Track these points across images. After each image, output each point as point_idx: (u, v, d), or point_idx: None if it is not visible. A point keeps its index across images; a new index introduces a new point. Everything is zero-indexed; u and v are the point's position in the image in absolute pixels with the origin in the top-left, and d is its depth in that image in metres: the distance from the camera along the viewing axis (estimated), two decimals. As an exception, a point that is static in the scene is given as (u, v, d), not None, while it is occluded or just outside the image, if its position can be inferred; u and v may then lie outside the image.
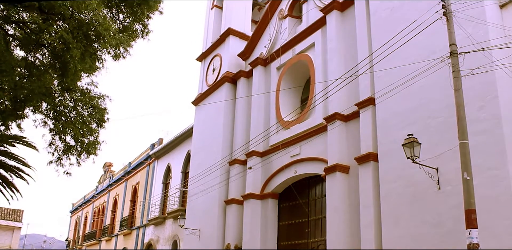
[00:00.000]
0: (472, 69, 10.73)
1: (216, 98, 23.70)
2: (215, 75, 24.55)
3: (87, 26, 10.50)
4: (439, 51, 12.31)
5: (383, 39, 14.03)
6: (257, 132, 20.04)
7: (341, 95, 16.07)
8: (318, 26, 18.67)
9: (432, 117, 12.71)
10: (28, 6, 9.93)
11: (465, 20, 11.49)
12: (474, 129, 11.11)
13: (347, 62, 16.60)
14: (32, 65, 11.13)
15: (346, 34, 17.17)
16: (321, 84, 17.31)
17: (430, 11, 11.81)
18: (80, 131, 11.87)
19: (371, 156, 14.12)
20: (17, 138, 18.00)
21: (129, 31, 12.49)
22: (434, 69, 11.92)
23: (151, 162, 34.40)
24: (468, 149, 9.65)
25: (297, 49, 19.74)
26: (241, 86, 22.63)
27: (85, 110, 12.14)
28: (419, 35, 12.16)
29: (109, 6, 12.06)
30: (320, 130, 16.89)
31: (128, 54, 12.24)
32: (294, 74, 20.07)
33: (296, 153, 17.93)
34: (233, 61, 23.74)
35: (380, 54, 13.50)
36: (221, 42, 24.94)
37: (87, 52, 10.72)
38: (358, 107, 15.25)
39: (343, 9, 17.69)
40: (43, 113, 11.96)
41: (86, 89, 12.24)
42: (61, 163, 12.51)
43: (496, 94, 11.29)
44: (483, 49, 10.59)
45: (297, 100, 20.18)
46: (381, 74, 14.33)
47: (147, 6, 12.36)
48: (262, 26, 22.65)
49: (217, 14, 26.83)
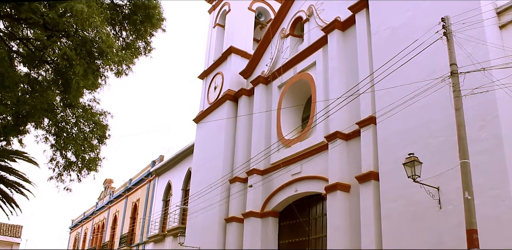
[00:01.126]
0: (472, 89, 10.77)
1: (217, 116, 23.75)
2: (217, 93, 24.63)
3: (90, 43, 10.59)
4: (439, 70, 12.38)
5: (384, 58, 14.12)
6: (258, 150, 20.03)
7: (342, 114, 16.10)
8: (320, 45, 18.80)
9: (433, 136, 12.72)
10: (33, 23, 10.03)
11: (465, 40, 11.58)
12: (475, 149, 11.11)
13: (348, 81, 16.68)
14: (35, 81, 11.21)
15: (347, 53, 17.28)
16: (322, 103, 17.36)
17: (430, 31, 11.90)
18: (81, 147, 11.90)
19: (372, 174, 14.09)
20: (18, 153, 18.01)
21: (132, 48, 12.61)
22: (435, 88, 11.97)
23: (151, 179, 34.33)
24: (469, 168, 9.64)
25: (298, 68, 19.85)
26: (243, 104, 22.69)
27: (87, 126, 12.18)
28: (420, 55, 12.23)
29: (113, 24, 12.20)
30: (321, 149, 16.89)
31: (131, 71, 12.34)
32: (296, 92, 20.15)
33: (297, 171, 17.90)
34: (234, 79, 23.85)
35: (381, 74, 13.57)
36: (223, 60, 25.09)
37: (90, 69, 10.80)
38: (359, 126, 15.27)
39: (344, 28, 17.83)
40: (45, 129, 12.00)
41: (88, 106, 12.30)
42: (61, 178, 12.51)
43: (496, 114, 11.31)
44: (483, 69, 10.66)
45: (298, 118, 20.22)
46: (382, 93, 14.39)
47: (150, 24, 12.49)
48: (264, 44, 22.81)
49: (219, 33, 27.03)
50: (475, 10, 12.16)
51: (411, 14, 14.55)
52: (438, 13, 12.92)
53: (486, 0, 12.51)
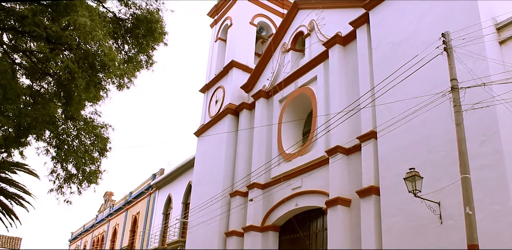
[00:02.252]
0: (473, 104, 10.79)
1: (218, 130, 23.77)
2: (218, 106, 24.69)
3: (92, 57, 10.67)
4: (440, 86, 12.41)
5: (385, 73, 14.18)
6: (258, 164, 20.02)
7: (343, 129, 16.12)
8: (321, 60, 18.89)
9: (433, 151, 12.72)
10: (36, 36, 10.11)
11: (465, 56, 11.64)
12: (476, 164, 11.10)
13: (349, 95, 16.72)
14: (37, 94, 11.26)
15: (348, 68, 17.36)
16: (323, 117, 17.39)
17: (431, 46, 11.98)
18: (82, 160, 11.91)
19: (372, 189, 14.06)
20: (19, 165, 18.05)
21: (133, 62, 12.68)
22: (436, 103, 12.00)
23: (152, 192, 34.25)
24: (470, 183, 9.63)
25: (299, 82, 19.92)
26: (244, 118, 22.73)
27: (88, 139, 12.21)
28: (420, 70, 12.29)
29: (115, 37, 12.29)
30: (322, 163, 16.87)
31: (132, 84, 12.40)
32: (296, 107, 20.19)
33: (297, 186, 17.86)
34: (236, 93, 23.93)
35: (381, 88, 13.61)
36: (224, 74, 25.20)
37: (91, 82, 10.85)
38: (360, 140, 15.28)
39: (345, 43, 17.94)
40: (46, 141, 12.03)
41: (90, 118, 12.33)
42: (62, 191, 12.50)
43: (497, 129, 11.33)
44: (484, 84, 10.70)
45: (299, 133, 20.23)
46: (383, 108, 14.41)
47: (152, 38, 12.58)
48: (265, 59, 22.92)
49: (221, 47, 27.19)
50: (475, 26, 12.26)
51: (412, 29, 14.64)
52: (438, 28, 13.02)
53: (486, 16, 12.59)
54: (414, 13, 14.77)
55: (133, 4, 12.64)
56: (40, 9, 10.27)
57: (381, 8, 16.11)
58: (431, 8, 14.25)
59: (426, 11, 14.37)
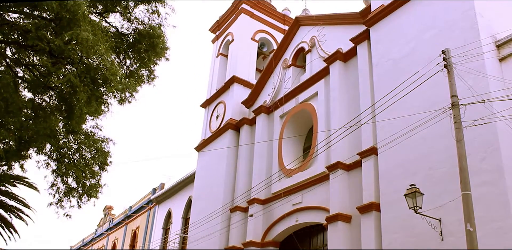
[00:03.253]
0: (473, 121, 10.81)
1: (219, 145, 23.77)
2: (219, 122, 24.72)
3: (94, 71, 10.73)
4: (440, 102, 12.43)
5: (385, 89, 14.22)
6: (259, 179, 19.98)
7: (344, 145, 16.12)
8: (322, 76, 18.97)
9: (434, 168, 12.70)
10: (39, 50, 10.19)
11: (465, 73, 11.69)
12: (477, 180, 11.07)
13: (350, 111, 16.76)
14: (39, 107, 11.31)
15: (349, 84, 17.42)
16: (323, 133, 17.40)
17: (431, 63, 12.04)
18: (82, 173, 11.91)
19: (373, 205, 14.01)
20: (19, 178, 18.04)
21: (135, 76, 12.76)
22: (436, 120, 12.02)
23: (152, 207, 34.12)
24: (471, 200, 9.59)
25: (300, 98, 19.98)
26: (244, 133, 22.74)
27: (89, 153, 12.22)
28: (421, 86, 12.34)
29: (117, 52, 12.38)
30: (322, 179, 16.84)
31: (134, 98, 12.45)
32: (297, 122, 20.22)
33: (298, 201, 17.79)
34: (237, 108, 23.98)
35: (382, 105, 13.64)
36: (225, 89, 25.28)
37: (93, 96, 10.91)
38: (361, 156, 15.26)
39: (346, 59, 18.03)
40: (47, 155, 12.05)
41: (91, 132, 12.37)
42: (61, 204, 12.49)
43: (498, 145, 11.33)
44: (484, 101, 10.73)
45: (300, 148, 20.22)
46: (384, 124, 14.43)
47: (154, 53, 12.67)
48: (266, 74, 23.02)
49: (222, 62, 27.33)
50: (475, 43, 12.34)
51: (412, 46, 14.73)
52: (438, 45, 13.10)
53: (486, 33, 12.69)
54: (414, 30, 14.87)
55: (135, 19, 12.76)
56: (43, 23, 10.37)
57: (382, 25, 16.23)
58: (431, 25, 14.36)
59: (426, 28, 14.47)
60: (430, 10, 14.60)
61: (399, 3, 15.70)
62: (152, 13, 12.92)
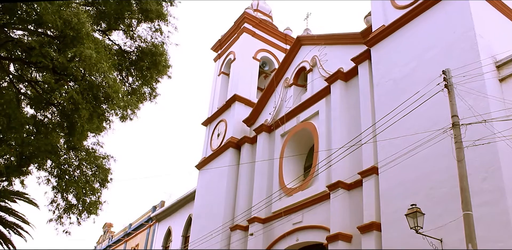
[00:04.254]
0: (474, 141, 10.83)
1: (220, 163, 23.73)
2: (220, 140, 24.73)
3: (97, 88, 10.80)
4: (441, 122, 12.46)
5: (386, 109, 14.27)
6: (259, 198, 19.90)
7: (344, 164, 16.10)
8: (323, 95, 19.04)
9: (435, 187, 12.66)
10: (42, 66, 10.27)
11: (466, 93, 11.74)
12: (478, 200, 11.03)
13: (351, 131, 16.78)
14: (41, 123, 11.35)
15: (350, 104, 17.48)
16: (324, 152, 17.39)
17: (432, 83, 12.11)
18: (82, 190, 11.90)
19: (374, 225, 13.93)
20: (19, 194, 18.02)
21: (137, 94, 12.83)
22: (437, 140, 12.03)
23: (151, 224, 33.93)
24: (472, 220, 9.56)
25: (301, 117, 20.02)
26: (245, 152, 22.73)
27: (89, 169, 12.23)
28: (422, 106, 12.38)
29: (120, 69, 12.47)
30: (323, 198, 16.77)
31: (135, 116, 12.49)
32: (298, 141, 20.22)
33: (298, 221, 17.70)
34: (238, 127, 24.00)
35: (383, 124, 13.68)
36: (226, 107, 25.34)
37: (95, 113, 10.95)
38: (361, 176, 15.23)
39: (347, 79, 18.12)
40: (47, 171, 12.05)
41: (92, 149, 12.39)
42: (61, 221, 12.45)
43: (499, 165, 11.32)
44: (485, 121, 10.77)
45: (301, 167, 20.19)
46: (384, 144, 14.44)
47: (156, 71, 12.76)
48: (268, 93, 23.11)
49: (224, 81, 27.44)
50: (475, 63, 12.43)
51: (413, 66, 14.82)
52: (439, 66, 13.18)
53: (486, 54, 12.79)
54: (415, 51, 14.98)
55: (138, 37, 12.88)
56: (47, 40, 10.47)
57: (383, 45, 16.35)
58: (431, 45, 14.47)
59: (426, 49, 14.58)
60: (430, 31, 14.72)
61: (399, 24, 15.85)
62: (155, 31, 13.06)
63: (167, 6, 12.99)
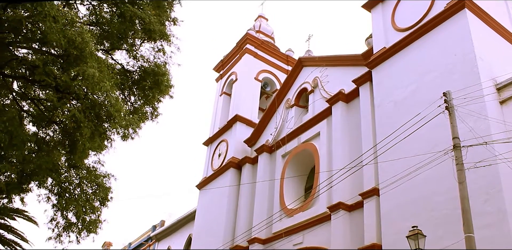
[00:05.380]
0: (475, 163, 10.82)
1: (220, 183, 23.67)
2: (221, 160, 24.71)
3: (99, 107, 10.86)
4: (442, 144, 12.47)
5: (387, 131, 14.30)
6: (260, 219, 19.79)
7: (345, 185, 16.05)
8: (324, 116, 19.09)
9: (436, 209, 12.60)
10: (45, 85, 10.34)
11: (467, 115, 11.78)
12: (480, 222, 10.96)
13: (352, 152, 16.77)
14: (42, 141, 11.39)
15: (351, 125, 17.51)
16: (325, 173, 17.36)
17: (432, 105, 12.15)
18: (82, 209, 11.87)
19: (375, 247, 13.82)
20: (19, 212, 17.95)
21: (139, 113, 12.88)
22: (438, 161, 12.02)
23: (151, 244, 33.69)
24: (474, 242, 9.50)
25: (302, 137, 20.03)
26: (246, 172, 22.69)
27: (90, 188, 12.22)
28: (423, 128, 12.40)
29: (122, 88, 12.56)
30: (324, 219, 16.68)
31: (137, 135, 12.52)
32: (299, 162, 20.20)
33: (299, 242, 17.55)
34: (239, 147, 24.00)
35: (384, 146, 13.68)
36: (228, 128, 25.38)
37: (97, 131, 10.99)
38: (362, 197, 15.18)
39: (348, 100, 18.19)
40: (48, 189, 12.05)
41: (93, 168, 12.39)
42: (60, 239, 12.39)
43: (500, 188, 11.29)
44: (486, 143, 10.78)
45: (301, 188, 20.12)
46: (385, 165, 14.42)
47: (158, 90, 12.84)
48: (269, 114, 23.17)
49: (226, 101, 27.53)
50: (475, 85, 12.49)
51: (414, 88, 14.89)
52: (439, 88, 13.25)
53: (486, 76, 12.87)
54: (415, 73, 15.07)
55: (141, 57, 13.00)
56: (51, 59, 10.57)
57: (384, 67, 16.46)
58: (432, 68, 14.56)
59: (427, 71, 14.67)
60: (431, 53, 14.84)
61: (400, 46, 15.99)
62: (157, 51, 13.18)
63: (170, 25, 13.14)
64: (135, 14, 11.87)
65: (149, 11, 12.28)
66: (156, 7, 12.83)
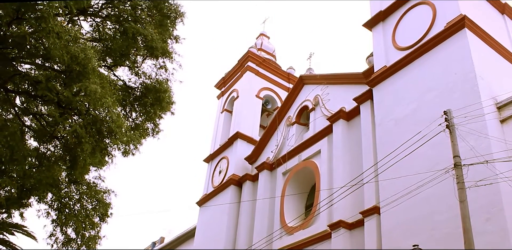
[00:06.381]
0: (476, 181, 10.81)
1: (221, 200, 23.58)
2: (221, 177, 24.65)
3: (100, 123, 10.90)
4: (442, 162, 12.45)
5: (388, 149, 14.29)
6: (260, 236, 19.67)
7: (346, 203, 15.99)
8: (325, 134, 19.10)
9: (437, 228, 12.54)
10: (48, 100, 10.40)
11: (467, 133, 11.79)
12: (481, 241, 10.88)
13: (353, 170, 16.74)
14: (43, 156, 11.41)
15: (352, 143, 17.51)
16: (326, 191, 17.30)
17: (433, 123, 12.17)
18: (82, 224, 11.84)
19: (375, 266, 13.73)
20: (18, 227, 17.81)
21: (140, 129, 12.92)
22: (439, 180, 11.99)
23: (150, 262, 33.44)
24: (475, 261, 9.43)
25: (303, 155, 20.02)
26: (247, 189, 22.62)
27: (90, 203, 12.20)
28: (423, 146, 12.41)
29: (124, 105, 12.62)
30: (324, 237, 16.57)
31: (138, 151, 12.53)
32: (300, 180, 20.14)
33: (298, 260, 17.44)
34: (239, 164, 23.96)
35: (385, 164, 13.67)
36: (229, 145, 25.37)
37: (98, 147, 11.02)
38: (363, 215, 15.11)
39: (349, 118, 18.22)
40: (48, 204, 12.03)
41: (93, 183, 12.40)
42: (59, 255, 12.31)
43: (501, 206, 11.24)
44: (487, 162, 10.78)
45: (302, 206, 20.04)
46: (386, 183, 14.38)
47: (160, 107, 12.90)
48: (270, 131, 23.19)
49: (227, 118, 27.56)
50: (476, 104, 12.53)
51: (414, 106, 14.93)
52: (440, 106, 13.28)
53: (486, 95, 12.92)
54: (416, 91, 15.13)
55: (143, 73, 13.10)
56: (54, 74, 10.64)
57: (385, 86, 16.52)
58: (433, 86, 14.62)
59: (428, 89, 14.73)
60: (431, 72, 14.92)
61: (401, 65, 16.08)
62: (159, 68, 13.29)
63: (172, 43, 13.24)
64: (137, 31, 11.99)
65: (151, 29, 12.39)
66: (159, 25, 12.95)
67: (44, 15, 9.58)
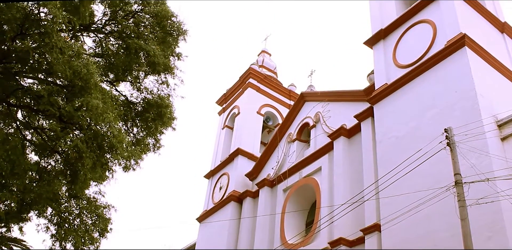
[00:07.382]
0: (477, 199, 10.77)
1: (221, 217, 23.46)
2: (222, 193, 24.57)
3: (102, 137, 10.92)
4: (443, 180, 12.42)
5: (389, 166, 14.27)
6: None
7: (347, 220, 15.91)
8: (326, 151, 19.09)
9: (438, 246, 12.45)
10: (49, 114, 10.44)
11: (468, 151, 11.79)
12: (483, 260, 10.84)
13: (353, 187, 16.70)
14: (44, 170, 11.42)
15: (353, 160, 17.49)
16: (326, 208, 17.23)
17: (434, 141, 12.17)
18: (81, 239, 11.78)
19: (375, 284, 13.61)
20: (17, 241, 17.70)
21: (141, 144, 12.94)
22: (439, 198, 11.96)
23: (148, 280, 33.14)
24: (476, 280, 9.36)
25: (304, 172, 19.98)
26: (247, 206, 22.53)
27: (89, 218, 12.16)
28: (424, 164, 12.39)
29: (125, 120, 12.65)
30: (325, 255, 16.47)
31: (138, 166, 12.53)
32: (300, 197, 20.07)
33: (298, 278, 17.29)
34: (240, 180, 23.90)
35: (386, 181, 13.63)
36: (229, 161, 25.33)
37: (98, 162, 11.02)
38: (364, 233, 15.02)
39: (350, 135, 18.23)
40: (47, 218, 11.99)
41: (93, 198, 12.38)
42: (57, 270, 12.23)
43: (503, 225, 11.19)
44: (488, 180, 10.76)
45: (302, 223, 19.94)
46: (387, 201, 14.33)
47: (161, 122, 12.93)
48: (271, 148, 23.18)
49: (228, 134, 27.57)
50: (476, 122, 12.55)
51: (415, 124, 14.95)
52: (440, 124, 13.30)
53: (487, 113, 12.94)
54: (417, 109, 15.16)
55: (145, 89, 13.16)
56: (56, 89, 10.70)
57: (385, 103, 16.57)
58: (433, 104, 14.66)
59: (428, 107, 14.77)
60: (432, 89, 14.98)
61: (402, 82, 16.14)
62: (161, 84, 13.36)
63: (174, 60, 13.33)
64: (140, 47, 12.08)
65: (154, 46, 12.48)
66: (161, 42, 13.05)
67: (47, 30, 9.68)
